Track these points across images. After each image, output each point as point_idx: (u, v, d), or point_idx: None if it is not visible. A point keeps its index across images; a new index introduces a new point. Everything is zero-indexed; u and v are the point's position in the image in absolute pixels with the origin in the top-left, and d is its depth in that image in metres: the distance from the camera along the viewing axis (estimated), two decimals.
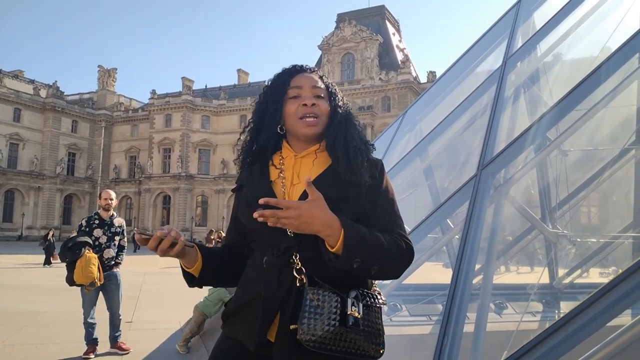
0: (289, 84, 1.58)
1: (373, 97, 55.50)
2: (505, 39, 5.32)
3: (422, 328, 4.34)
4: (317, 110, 1.55)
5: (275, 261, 1.43)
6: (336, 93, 1.63)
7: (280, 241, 1.43)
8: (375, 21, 61.68)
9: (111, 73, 69.55)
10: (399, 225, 1.52)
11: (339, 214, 1.40)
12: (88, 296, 5.75)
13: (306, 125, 1.54)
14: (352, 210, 1.46)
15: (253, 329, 1.41)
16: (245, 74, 72.53)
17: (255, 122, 1.64)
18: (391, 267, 1.43)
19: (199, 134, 61.38)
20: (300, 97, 1.56)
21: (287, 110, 1.57)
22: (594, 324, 1.81)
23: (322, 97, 1.58)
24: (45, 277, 15.09)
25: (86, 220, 5.95)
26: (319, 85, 1.59)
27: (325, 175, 1.51)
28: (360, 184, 1.49)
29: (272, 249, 1.44)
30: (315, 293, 1.35)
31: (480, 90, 4.84)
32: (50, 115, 60.40)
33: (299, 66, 1.64)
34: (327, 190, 1.43)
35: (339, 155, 1.52)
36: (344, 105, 1.63)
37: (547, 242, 4.89)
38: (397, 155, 6.07)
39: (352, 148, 1.53)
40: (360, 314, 1.36)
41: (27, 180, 58.32)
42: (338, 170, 1.50)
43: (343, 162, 1.50)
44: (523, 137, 3.34)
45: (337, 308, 1.34)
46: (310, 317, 1.32)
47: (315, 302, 1.33)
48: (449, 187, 4.71)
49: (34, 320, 7.97)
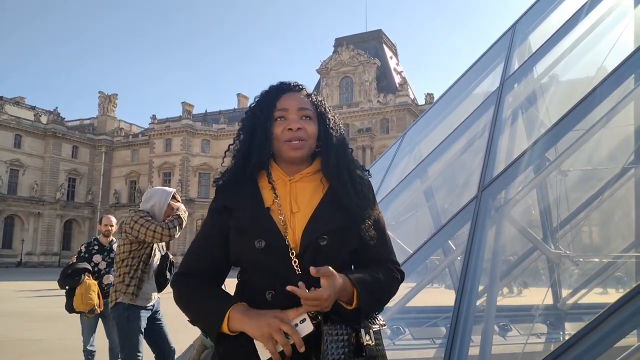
0: (275, 106, 1.52)
1: (371, 119, 55.83)
2: (502, 61, 5.37)
3: (425, 352, 4.28)
4: (303, 134, 1.49)
5: (285, 300, 1.33)
6: (326, 114, 1.57)
7: (287, 276, 1.37)
8: (372, 45, 62.43)
9: (111, 99, 70.07)
10: (391, 252, 1.55)
11: (347, 244, 1.41)
12: (87, 323, 5.68)
13: (291, 148, 1.48)
14: (354, 240, 1.46)
15: None
16: (245, 98, 73.02)
17: (244, 142, 1.55)
18: (389, 299, 1.50)
19: (199, 157, 61.55)
20: (285, 120, 1.50)
21: (274, 132, 1.50)
22: (602, 345, 1.79)
23: (309, 117, 1.52)
24: (42, 304, 14.94)
25: (85, 246, 5.92)
26: (306, 107, 1.53)
27: (326, 202, 1.47)
28: (369, 213, 1.48)
29: (279, 285, 1.35)
30: (332, 329, 1.32)
31: (479, 111, 4.87)
32: (51, 141, 60.62)
33: (285, 84, 1.58)
34: (331, 219, 1.43)
35: (345, 182, 1.48)
36: (336, 125, 1.58)
37: (550, 262, 4.86)
38: (397, 177, 6.07)
39: (356, 176, 1.52)
40: (373, 342, 1.37)
41: (27, 206, 58.21)
42: (342, 196, 1.46)
43: (349, 189, 1.47)
44: (522, 157, 3.35)
45: (352, 340, 1.33)
46: (333, 352, 1.30)
47: (332, 336, 1.31)
48: (449, 208, 4.71)
49: (32, 348, 7.86)
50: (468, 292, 2.59)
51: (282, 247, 1.40)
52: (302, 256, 1.40)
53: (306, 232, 1.42)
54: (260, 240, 1.40)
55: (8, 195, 56.62)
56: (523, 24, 5.90)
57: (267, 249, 1.40)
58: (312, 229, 1.42)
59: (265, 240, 1.40)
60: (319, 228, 1.42)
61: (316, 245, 1.40)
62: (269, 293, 1.39)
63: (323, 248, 1.41)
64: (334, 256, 1.42)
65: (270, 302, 1.38)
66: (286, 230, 1.42)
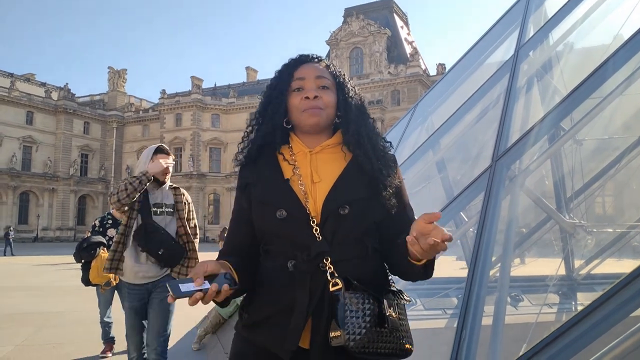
0: (293, 76, 1.53)
1: (382, 91, 55.26)
2: (516, 28, 5.25)
3: (437, 322, 4.32)
4: (320, 102, 1.49)
5: (306, 266, 1.37)
6: (345, 83, 1.56)
7: (309, 245, 1.38)
8: (383, 15, 61.34)
9: (121, 74, 70.00)
10: None
11: (369, 215, 1.40)
12: (104, 296, 5.80)
13: (309, 115, 1.48)
14: (381, 210, 1.44)
15: (285, 338, 1.35)
16: (254, 71, 72.60)
17: (259, 115, 1.58)
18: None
19: (210, 132, 61.61)
20: (303, 90, 1.50)
21: (291, 102, 1.51)
22: (617, 315, 1.77)
23: (327, 87, 1.52)
24: (59, 277, 15.25)
25: (99, 221, 5.98)
26: (324, 75, 1.53)
27: (348, 172, 1.47)
28: (391, 182, 1.46)
29: (301, 254, 1.38)
30: (353, 296, 1.31)
31: (493, 80, 4.78)
32: (62, 118, 60.96)
33: (304, 56, 1.58)
34: (355, 190, 1.42)
35: (368, 153, 1.47)
36: (356, 96, 1.57)
37: (564, 233, 4.83)
38: (409, 148, 6.03)
39: (379, 147, 1.51)
40: (396, 314, 1.35)
41: (41, 182, 58.95)
42: (363, 163, 1.46)
43: (370, 155, 1.47)
44: (537, 127, 3.29)
45: (375, 310, 1.32)
46: (353, 321, 1.29)
47: (354, 305, 1.30)
48: (462, 179, 4.67)
49: (50, 321, 8.05)
50: (481, 262, 2.58)
51: (304, 216, 1.40)
52: (323, 225, 1.40)
53: (327, 201, 1.42)
54: (281, 210, 1.41)
55: (22, 171, 57.31)
56: None
57: (289, 218, 1.41)
58: (333, 197, 1.42)
59: (287, 210, 1.41)
60: (340, 197, 1.42)
61: (337, 215, 1.40)
62: (290, 262, 1.39)
63: (344, 217, 1.40)
64: (357, 226, 1.42)
65: (291, 272, 1.39)
66: (307, 199, 1.42)
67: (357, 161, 1.48)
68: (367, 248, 1.43)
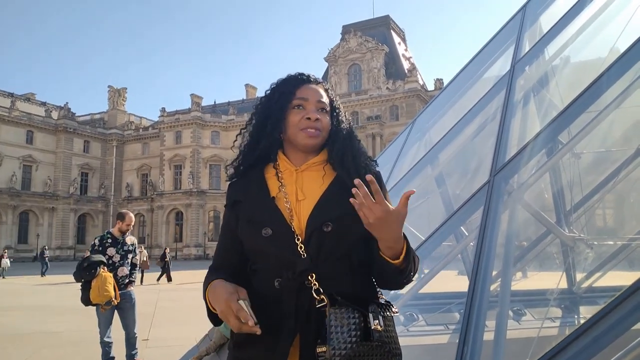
0: (295, 94, 1.55)
1: (381, 106, 55.57)
2: (512, 43, 5.29)
3: (439, 337, 4.29)
4: (320, 125, 1.53)
5: (292, 284, 1.39)
6: (339, 108, 1.62)
7: (294, 262, 1.40)
8: (380, 31, 61.94)
9: (121, 92, 70.44)
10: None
11: (353, 231, 1.41)
12: (104, 315, 5.76)
13: (307, 135, 1.51)
14: (362, 228, 1.43)
15: (274, 356, 1.37)
16: (253, 88, 73.01)
17: (255, 128, 1.60)
18: (415, 272, 1.47)
19: (209, 149, 61.80)
20: (304, 109, 1.54)
21: (290, 119, 1.54)
22: (619, 327, 1.77)
23: (325, 111, 1.56)
24: (59, 297, 15.16)
25: (99, 240, 5.98)
26: (324, 100, 1.57)
27: (332, 190, 1.49)
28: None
29: (287, 271, 1.40)
30: (338, 312, 1.32)
31: (490, 95, 4.81)
32: (62, 137, 61.17)
33: (305, 76, 1.61)
34: (338, 207, 1.42)
35: (348, 167, 1.51)
36: (347, 121, 1.63)
37: (564, 246, 4.82)
38: (407, 163, 6.04)
39: (362, 164, 1.53)
40: (383, 327, 1.35)
41: (41, 201, 58.94)
42: (346, 180, 1.47)
43: (352, 174, 1.47)
44: (535, 141, 3.31)
45: (360, 324, 1.32)
46: (338, 336, 1.29)
47: (339, 320, 1.31)
48: (461, 194, 4.67)
49: (50, 341, 7.99)
50: (482, 277, 2.58)
51: (288, 233, 1.42)
52: (307, 242, 1.41)
53: (311, 219, 1.44)
54: (266, 228, 1.43)
55: (22, 191, 57.34)
56: (533, 4, 5.80)
57: (274, 236, 1.43)
58: (317, 215, 1.44)
59: (272, 228, 1.43)
60: (323, 214, 1.44)
61: (321, 232, 1.42)
62: (276, 281, 1.41)
63: (328, 234, 1.41)
64: (341, 242, 1.43)
65: (277, 290, 1.41)
66: (292, 217, 1.45)
67: (340, 179, 1.50)
68: (353, 263, 1.44)
